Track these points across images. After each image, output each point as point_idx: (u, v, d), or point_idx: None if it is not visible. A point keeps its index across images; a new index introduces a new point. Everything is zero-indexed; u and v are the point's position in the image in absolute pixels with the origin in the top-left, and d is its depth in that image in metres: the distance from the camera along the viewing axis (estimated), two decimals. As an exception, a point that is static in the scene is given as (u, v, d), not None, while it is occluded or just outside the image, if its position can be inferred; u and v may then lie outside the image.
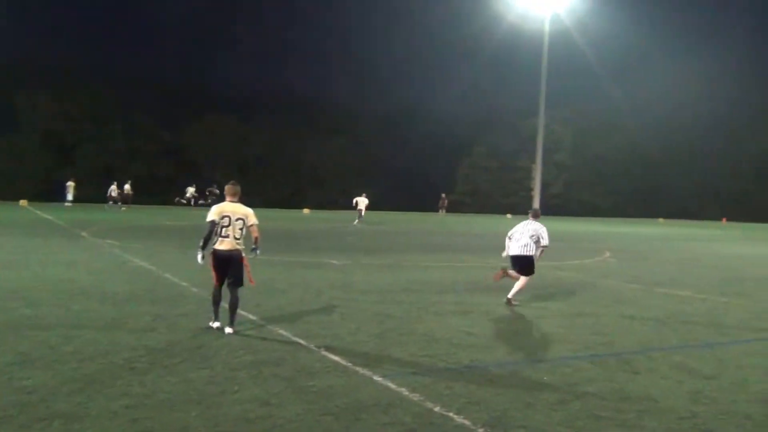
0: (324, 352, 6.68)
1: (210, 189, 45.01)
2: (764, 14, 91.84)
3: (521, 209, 63.20)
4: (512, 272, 10.60)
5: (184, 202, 45.88)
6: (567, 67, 69.72)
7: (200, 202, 44.93)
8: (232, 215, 7.52)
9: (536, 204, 62.11)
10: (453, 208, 53.96)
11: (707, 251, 23.63)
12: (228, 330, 7.40)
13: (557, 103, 69.61)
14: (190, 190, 46.50)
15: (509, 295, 10.23)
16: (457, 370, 6.27)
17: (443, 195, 48.78)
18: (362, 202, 34.39)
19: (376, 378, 5.84)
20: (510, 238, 10.85)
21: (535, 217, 11.04)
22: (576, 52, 68.48)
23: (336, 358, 6.48)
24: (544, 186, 65.56)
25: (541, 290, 11.78)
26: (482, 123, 71.77)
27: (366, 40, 79.87)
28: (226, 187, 7.79)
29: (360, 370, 6.08)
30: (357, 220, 33.13)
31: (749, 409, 5.40)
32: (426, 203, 54.36)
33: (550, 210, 63.45)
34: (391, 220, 39.75)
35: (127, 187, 40.67)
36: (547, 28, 62.25)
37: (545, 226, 10.66)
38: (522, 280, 10.33)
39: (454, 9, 68.89)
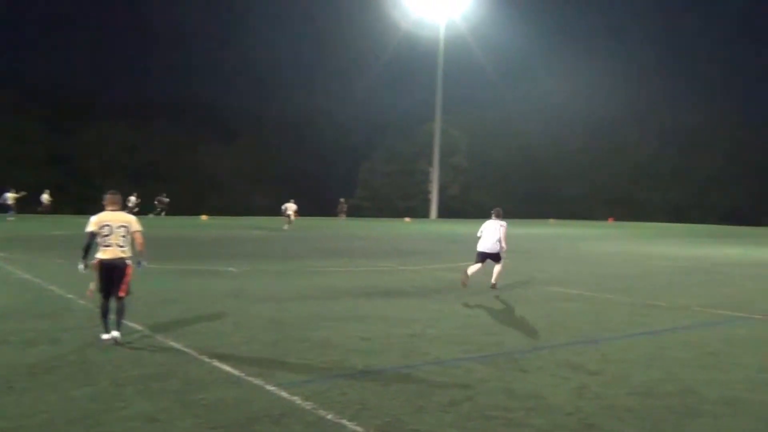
0: (216, 363, 6.49)
1: (159, 198, 44.28)
2: (644, 23, 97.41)
3: (420, 212, 64.32)
4: (471, 271, 12.27)
5: (126, 210, 43.95)
6: (463, 73, 71.48)
7: (156, 211, 43.97)
8: (113, 224, 7.30)
9: (434, 206, 63.50)
10: (352, 213, 54.05)
11: (595, 250, 24.75)
12: (114, 333, 7.17)
13: (454, 107, 71.29)
14: (132, 200, 44.32)
15: (492, 281, 12.31)
16: (352, 376, 6.24)
17: (342, 200, 48.83)
18: (291, 207, 35.23)
19: (269, 388, 5.72)
20: (481, 237, 12.57)
21: (498, 216, 12.76)
22: (471, 58, 70.30)
23: (228, 368, 6.31)
24: (442, 189, 66.97)
25: (438, 292, 11.97)
26: (381, 127, 72.60)
27: (265, 44, 78.83)
28: (107, 197, 7.55)
29: (252, 380, 5.95)
30: (286, 225, 33.79)
31: (630, 402, 5.65)
32: (326, 208, 54.26)
33: (447, 212, 64.84)
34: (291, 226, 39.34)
35: (45, 197, 39.13)
36: (442, 34, 63.69)
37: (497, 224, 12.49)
38: (498, 267, 12.43)
39: (352, 15, 69.11)
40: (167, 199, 44.22)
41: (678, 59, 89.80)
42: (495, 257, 12.37)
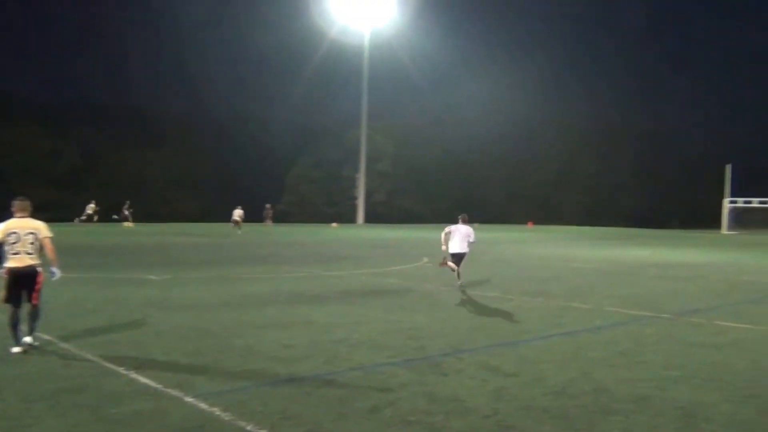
0: (133, 375, 6.33)
1: (126, 206, 43.45)
2: (569, 34, 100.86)
3: (347, 218, 64.32)
4: (450, 264, 13.75)
5: (84, 218, 42.85)
6: (389, 80, 72.32)
7: (114, 216, 43.28)
8: (21, 231, 7.10)
9: (360, 212, 63.67)
10: (279, 218, 53.56)
11: (515, 253, 25.36)
12: (26, 339, 6.99)
13: (380, 114, 71.82)
14: (91, 207, 43.84)
15: (459, 281, 13.54)
16: (274, 385, 6.21)
17: (268, 205, 48.37)
18: (237, 213, 37.11)
19: (188, 399, 5.62)
20: (450, 237, 13.90)
21: (464, 222, 14.22)
22: (397, 65, 71.13)
23: (145, 380, 6.17)
24: (368, 195, 67.21)
25: (362, 297, 12.03)
26: (308, 134, 72.40)
27: (194, 49, 77.51)
28: (15, 203, 7.31)
29: (171, 391, 5.83)
30: (239, 231, 35.56)
31: (546, 403, 5.82)
32: (252, 214, 53.63)
33: (373, 218, 65.11)
34: (217, 232, 38.70)
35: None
36: (367, 42, 64.06)
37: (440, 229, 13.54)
38: (459, 268, 13.61)
39: (280, 22, 68.78)
40: (130, 209, 43.14)
41: (593, 72, 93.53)
42: (462, 258, 13.80)
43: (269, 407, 5.47)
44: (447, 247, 13.86)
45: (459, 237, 13.84)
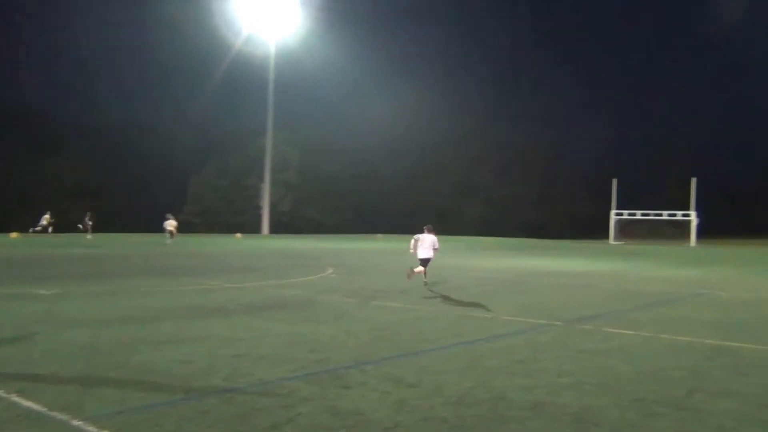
0: (15, 398, 5.98)
1: (87, 217, 43.77)
2: (467, 49, 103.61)
3: (252, 228, 63.40)
4: (417, 269, 16.39)
5: (39, 229, 42.68)
6: (295, 90, 71.91)
7: (79, 226, 43.52)
8: None
9: (265, 222, 62.92)
10: (181, 228, 52.15)
11: (415, 263, 25.68)
12: None
13: (285, 123, 71.37)
14: (46, 218, 43.60)
15: (425, 279, 16.54)
16: (170, 404, 6.02)
17: (169, 215, 47.03)
18: (171, 224, 37.71)
19: (75, 423, 5.36)
20: (417, 244, 16.71)
21: (429, 231, 16.79)
22: (304, 75, 70.99)
23: (29, 403, 5.83)
24: (273, 204, 66.61)
25: (265, 310, 11.88)
26: (212, 142, 70.98)
27: (93, 54, 74.17)
28: None
29: (57, 415, 5.54)
30: (169, 240, 36.19)
31: (445, 412, 5.92)
32: (152, 224, 51.97)
33: (279, 228, 64.54)
34: (114, 243, 37.26)
35: None
36: (272, 51, 63.65)
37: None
38: (426, 268, 16.55)
39: (186, 29, 66.90)
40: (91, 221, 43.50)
41: (491, 85, 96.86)
42: (427, 262, 16.59)
43: (163, 428, 5.30)
44: (415, 252, 16.73)
45: (425, 244, 16.58)
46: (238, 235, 53.47)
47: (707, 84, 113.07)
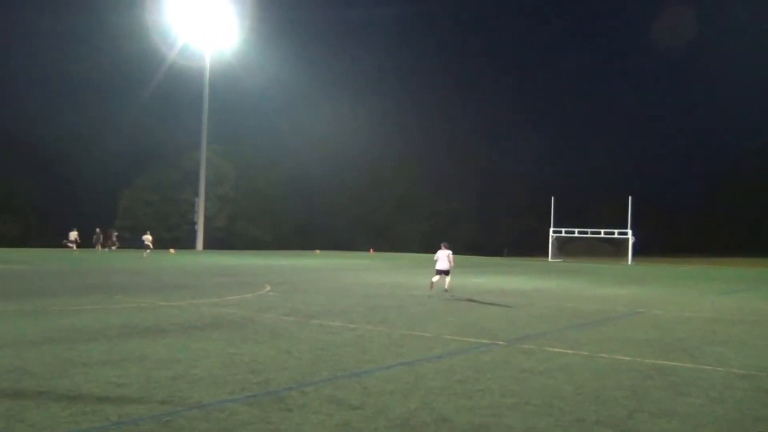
0: (-66, 426, 5.60)
1: (113, 232, 50.26)
2: (410, 67, 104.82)
3: (186, 243, 62.06)
4: (434, 279, 19.89)
5: (70, 245, 46.36)
6: (231, 103, 71.07)
7: (112, 247, 48.52)
8: None
9: (200, 237, 61.73)
10: (111, 244, 50.62)
11: (357, 281, 25.60)
12: None
13: (221, 137, 70.38)
14: (73, 234, 46.66)
15: (446, 288, 19.72)
16: (104, 429, 5.73)
17: (98, 230, 45.81)
18: (147, 239, 42.00)
19: (1, 452, 5.05)
20: (437, 259, 20.11)
21: (446, 247, 20.15)
22: (240, 88, 70.26)
23: (-51, 432, 5.47)
24: (208, 219, 65.42)
25: (202, 329, 11.55)
26: (145, 155, 69.26)
27: (23, 68, 71.60)
28: None
29: (-20, 443, 5.21)
30: (145, 253, 39.62)
31: (389, 434, 5.83)
32: (82, 239, 50.30)
33: (214, 243, 63.36)
34: (40, 258, 35.81)
35: None
36: (208, 63, 62.87)
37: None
38: (448, 278, 19.89)
39: (120, 39, 65.17)
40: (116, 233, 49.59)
41: (431, 104, 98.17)
42: (446, 272, 19.86)
43: (97, 455, 5.03)
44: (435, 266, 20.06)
45: (442, 258, 20.01)
46: (172, 250, 52.26)
47: (643, 106, 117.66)
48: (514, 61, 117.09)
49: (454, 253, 20.47)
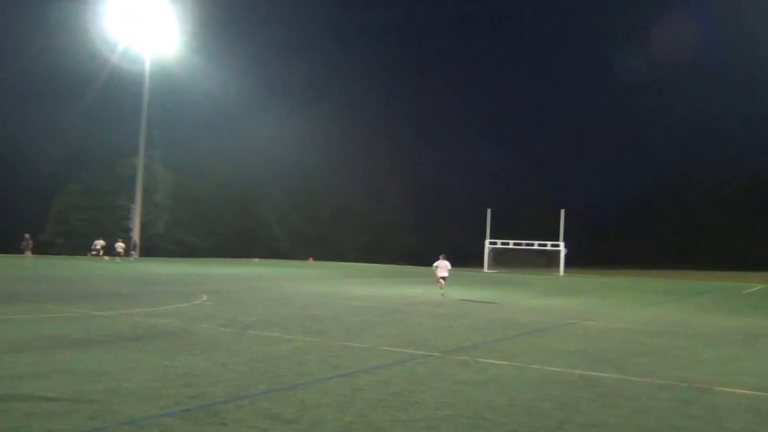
0: None
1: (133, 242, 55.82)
2: (348, 79, 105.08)
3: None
4: (441, 282, 24.77)
5: (95, 253, 49.39)
6: (171, 108, 69.84)
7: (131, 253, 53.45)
8: None
9: (136, 242, 60.26)
10: (42, 250, 49.16)
11: (295, 290, 25.49)
12: None
13: (159, 143, 69.02)
14: (100, 242, 49.93)
15: (442, 292, 24.51)
16: (29, 446, 5.59)
17: (27, 235, 44.24)
18: (120, 246, 47.79)
19: None
20: (437, 268, 24.95)
21: (444, 258, 24.96)
22: (181, 95, 69.15)
23: None
24: (144, 227, 64.03)
25: (135, 341, 11.32)
26: (78, 160, 67.22)
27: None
28: None
29: None
30: (118, 259, 43.03)
31: (324, 448, 5.87)
32: (9, 244, 48.49)
33: (150, 251, 62.01)
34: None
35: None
36: (148, 68, 61.74)
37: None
38: (446, 282, 24.91)
39: (57, 40, 62.96)
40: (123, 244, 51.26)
41: (371, 114, 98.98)
42: (446, 278, 24.93)
43: (23, 474, 4.91)
44: (437, 272, 24.97)
45: (441, 267, 24.92)
46: (106, 258, 50.91)
47: (574, 120, 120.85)
48: (453, 73, 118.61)
49: (391, 263, 20.78)
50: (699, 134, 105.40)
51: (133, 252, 53.96)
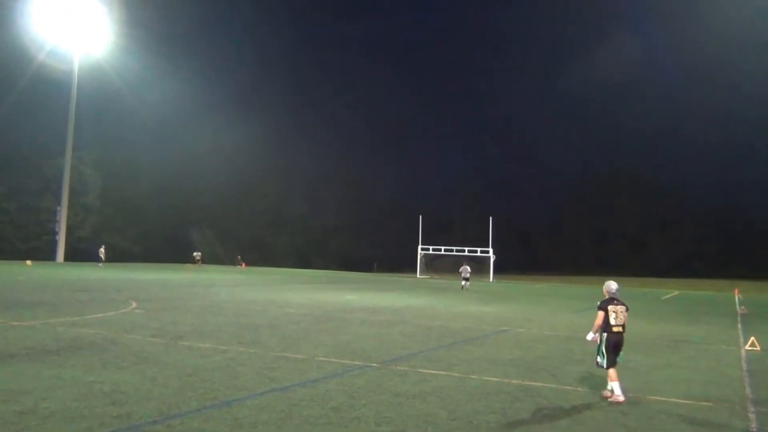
0: None
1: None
2: (287, 86, 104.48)
3: (45, 255, 58.06)
4: (462, 283, 37.73)
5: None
6: (101, 109, 67.75)
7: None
8: None
9: (61, 248, 58.16)
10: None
11: (229, 298, 24.88)
12: None
13: (88, 143, 66.75)
14: (198, 254, 57.33)
15: (467, 287, 37.81)
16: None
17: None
18: (102, 253, 49.38)
19: None
20: (462, 273, 38.05)
21: (466, 263, 38.16)
22: (111, 95, 67.14)
23: None
24: (71, 229, 61.71)
25: (57, 354, 10.73)
26: (2, 159, 64.24)
27: None
28: None
29: None
30: (101, 264, 43.64)
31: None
32: None
33: (76, 255, 59.75)
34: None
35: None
36: (76, 68, 59.69)
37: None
38: (468, 283, 38.33)
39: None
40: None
41: (305, 120, 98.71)
42: (468, 278, 37.38)
43: None
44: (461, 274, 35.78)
45: (464, 269, 37.43)
46: (29, 262, 48.77)
47: (504, 130, 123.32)
48: (390, 83, 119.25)
49: (325, 269, 20.48)
50: (620, 146, 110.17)
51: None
